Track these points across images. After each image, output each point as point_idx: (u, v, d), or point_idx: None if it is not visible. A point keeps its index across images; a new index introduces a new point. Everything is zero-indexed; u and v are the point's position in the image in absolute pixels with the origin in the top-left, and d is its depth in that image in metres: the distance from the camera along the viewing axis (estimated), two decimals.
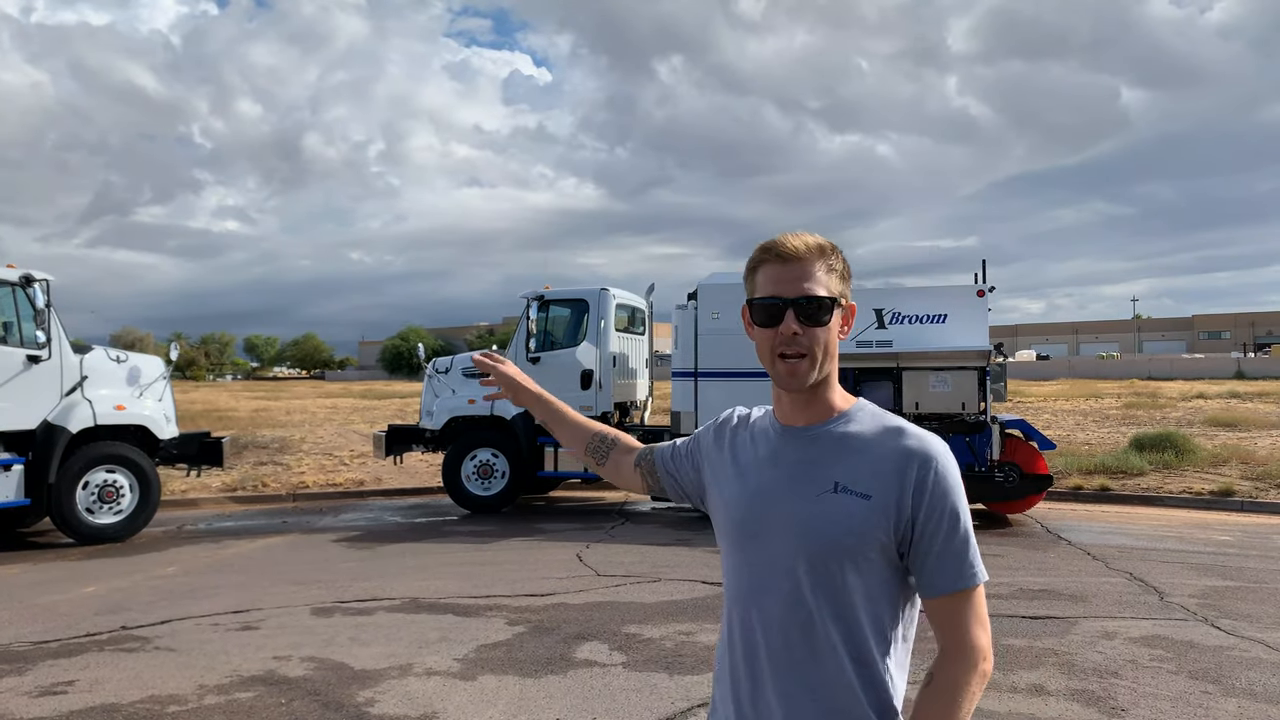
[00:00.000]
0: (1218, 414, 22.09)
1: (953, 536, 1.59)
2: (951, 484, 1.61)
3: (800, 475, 1.66)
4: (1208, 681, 5.45)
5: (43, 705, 5.26)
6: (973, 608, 1.60)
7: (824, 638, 1.60)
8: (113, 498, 10.77)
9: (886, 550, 1.60)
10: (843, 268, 1.71)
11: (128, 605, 7.62)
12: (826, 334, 1.66)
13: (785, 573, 1.63)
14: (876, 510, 1.59)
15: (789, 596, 1.63)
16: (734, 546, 1.73)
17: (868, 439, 1.65)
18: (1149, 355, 73.89)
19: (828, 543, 1.59)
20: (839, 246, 1.71)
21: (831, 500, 1.61)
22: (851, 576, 1.59)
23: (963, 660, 1.59)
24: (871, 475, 1.61)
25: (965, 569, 1.60)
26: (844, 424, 1.69)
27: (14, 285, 10.21)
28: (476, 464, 12.96)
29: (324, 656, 6.12)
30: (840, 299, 1.69)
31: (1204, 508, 12.64)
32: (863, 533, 1.58)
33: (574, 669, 5.82)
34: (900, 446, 1.62)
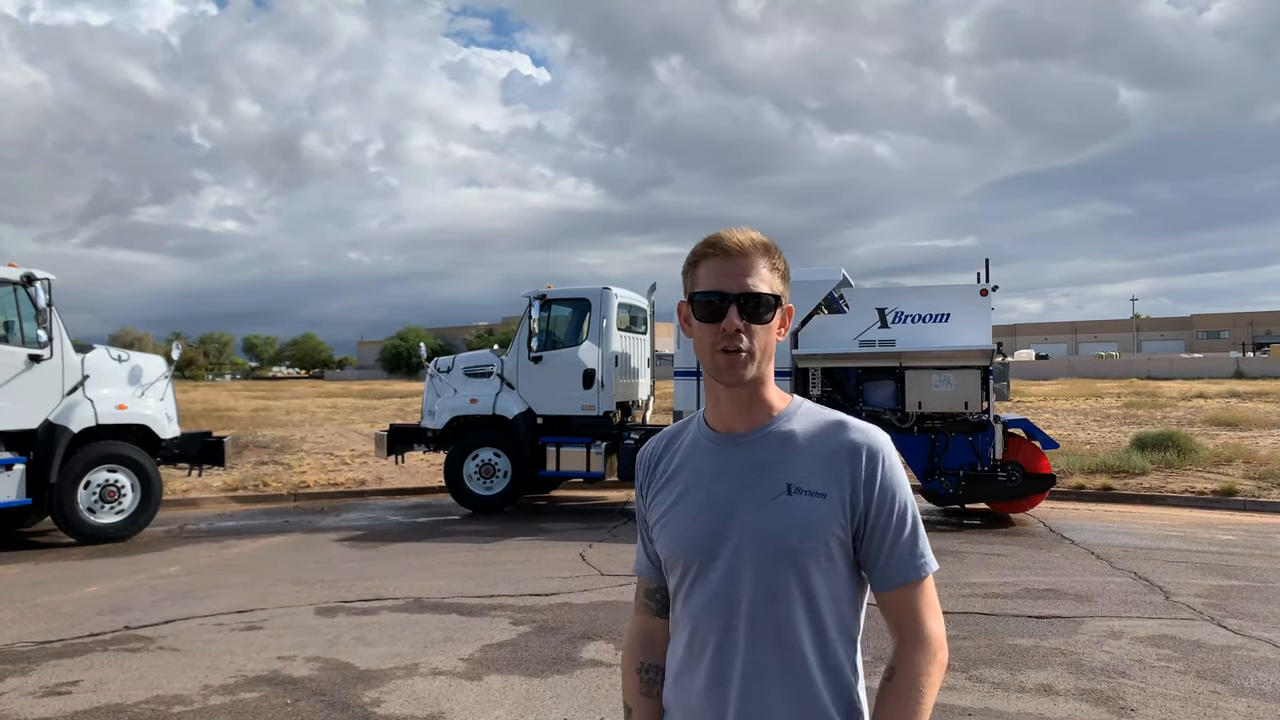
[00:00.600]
0: (1218, 413, 22.10)
1: (902, 528, 1.59)
2: (898, 475, 1.61)
3: (751, 481, 1.61)
4: (1216, 681, 5.43)
5: (47, 706, 5.24)
6: (926, 598, 1.60)
7: (792, 646, 1.57)
8: (114, 497, 10.74)
9: (845, 547, 1.59)
10: (784, 267, 1.68)
11: (131, 605, 7.59)
12: (767, 332, 1.63)
13: (749, 584, 1.58)
14: (833, 507, 1.57)
15: (753, 609, 1.58)
16: (690, 567, 1.64)
17: (812, 435, 1.62)
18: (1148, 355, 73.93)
19: (786, 545, 1.56)
20: (779, 246, 1.69)
21: (787, 503, 1.57)
22: (817, 578, 1.57)
23: (923, 651, 1.58)
24: (823, 472, 1.58)
25: (917, 560, 1.60)
26: (785, 422, 1.65)
27: (15, 284, 10.18)
28: (478, 463, 12.94)
29: (329, 656, 6.10)
30: (781, 298, 1.65)
31: (1207, 507, 12.63)
32: (823, 532, 1.56)
33: (580, 669, 5.80)
34: (846, 440, 1.60)
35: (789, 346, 11.71)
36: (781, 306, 1.66)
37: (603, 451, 12.59)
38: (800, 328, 11.80)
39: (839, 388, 12.12)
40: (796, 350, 11.72)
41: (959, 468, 11.28)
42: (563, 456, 12.79)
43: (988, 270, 11.74)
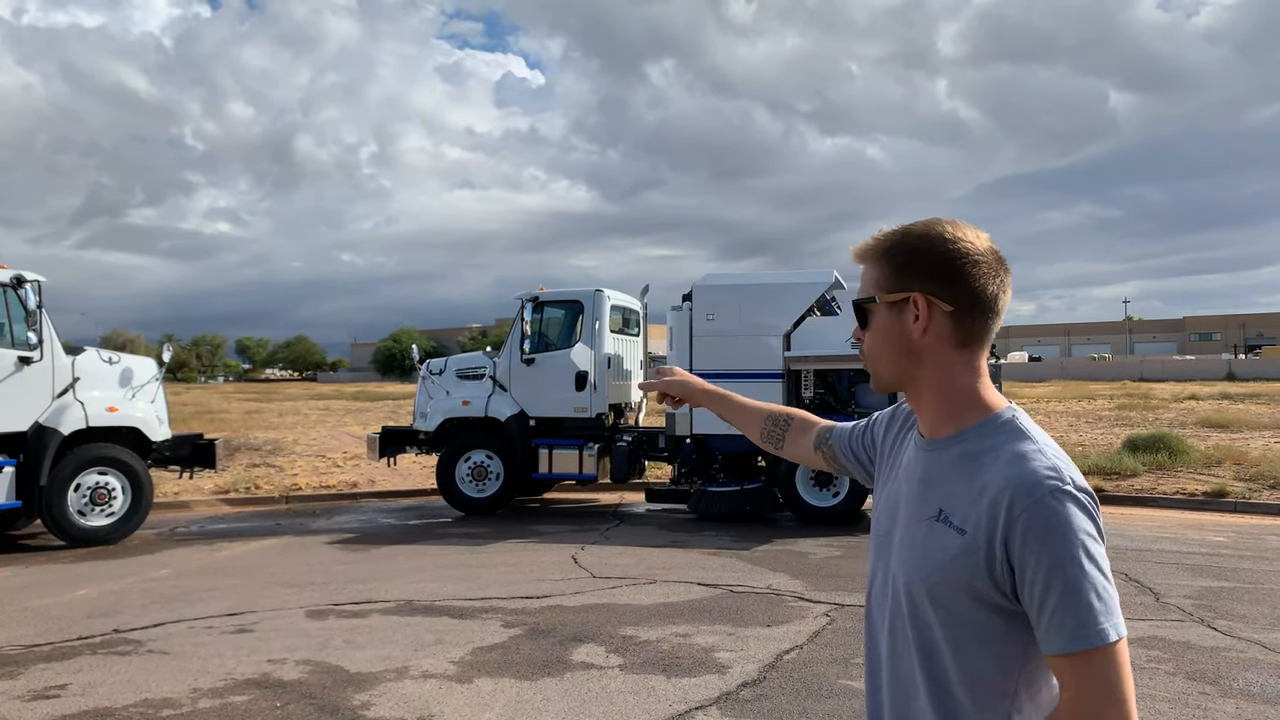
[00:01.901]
0: (1210, 415, 22.19)
1: (1056, 586, 1.27)
2: (1052, 526, 1.28)
3: (913, 496, 1.48)
4: (1205, 682, 5.45)
5: (35, 709, 5.21)
6: (1095, 674, 1.26)
7: (908, 676, 1.43)
8: (105, 500, 10.70)
9: (987, 592, 1.33)
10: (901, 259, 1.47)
11: (120, 608, 7.56)
12: (873, 335, 1.51)
13: (892, 596, 1.47)
14: (967, 550, 1.34)
15: (891, 624, 1.47)
16: (871, 552, 1.59)
17: (983, 463, 1.38)
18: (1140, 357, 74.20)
19: (926, 578, 1.39)
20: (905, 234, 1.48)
21: (931, 530, 1.40)
22: (938, 614, 1.38)
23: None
24: (970, 507, 1.36)
25: (1081, 627, 1.25)
26: (968, 439, 1.44)
27: (5, 286, 10.13)
28: (471, 466, 12.92)
29: (319, 659, 6.09)
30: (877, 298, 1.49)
31: (1198, 508, 12.67)
32: (956, 575, 1.35)
33: (570, 671, 5.80)
34: (1004, 473, 1.34)
35: (781, 349, 11.72)
36: (887, 304, 1.46)
37: (595, 454, 12.57)
38: (793, 330, 11.81)
39: (831, 390, 12.14)
40: (789, 352, 11.73)
41: None
42: (555, 459, 12.77)
43: None
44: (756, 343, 11.81)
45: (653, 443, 12.98)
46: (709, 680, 5.59)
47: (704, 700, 5.26)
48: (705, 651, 6.16)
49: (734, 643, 6.37)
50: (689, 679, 5.62)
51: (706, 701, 5.24)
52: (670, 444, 12.49)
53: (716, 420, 10.44)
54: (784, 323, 11.80)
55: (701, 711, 5.10)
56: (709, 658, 6.04)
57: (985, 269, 1.43)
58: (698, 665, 5.88)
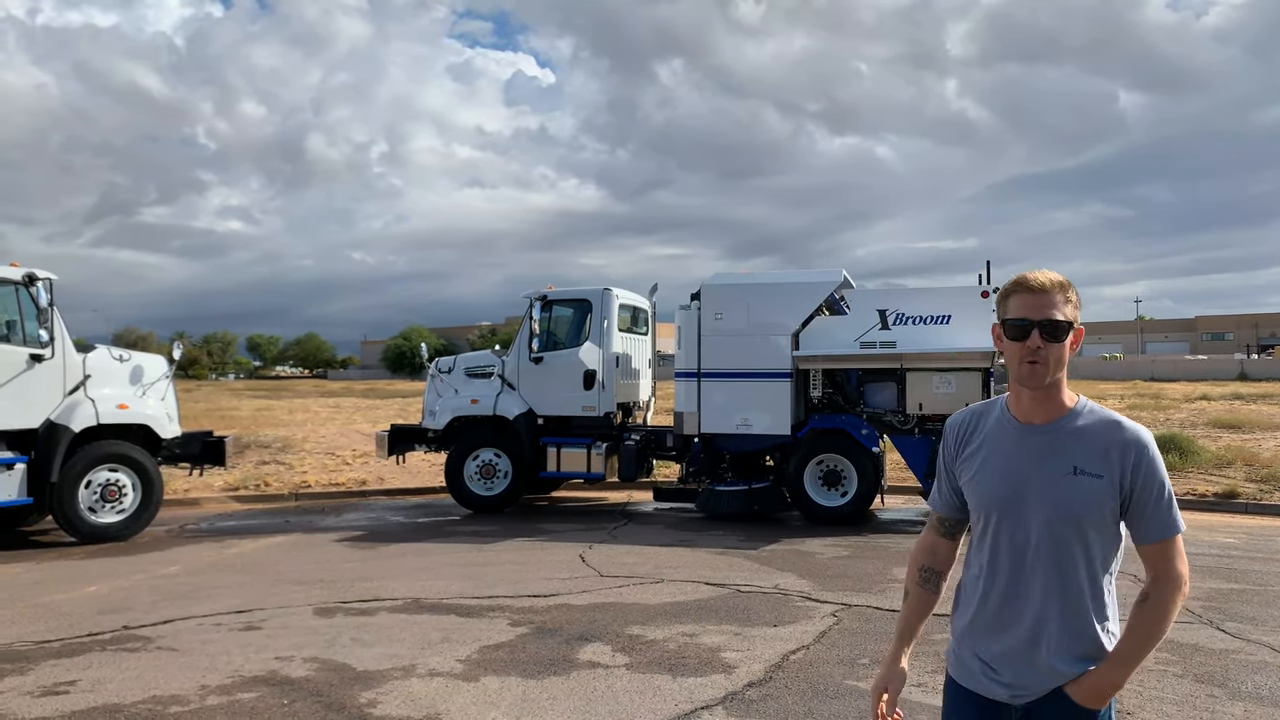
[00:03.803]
0: (1221, 415, 22.06)
1: (1160, 501, 2.15)
2: (1156, 462, 2.15)
3: (1045, 461, 2.20)
4: (1214, 685, 5.42)
5: (45, 705, 5.25)
6: (1174, 549, 2.17)
7: (1070, 578, 2.19)
8: (115, 497, 10.76)
9: (1114, 514, 2.17)
10: (1077, 299, 2.22)
11: (130, 605, 7.61)
12: (1061, 349, 2.18)
13: (1040, 534, 2.19)
14: (1109, 486, 2.14)
15: (1043, 551, 2.19)
16: (992, 516, 2.27)
17: (1095, 431, 2.19)
18: (1152, 356, 73.78)
19: (1072, 512, 2.16)
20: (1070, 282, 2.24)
21: (1074, 481, 2.16)
22: (1092, 535, 2.17)
23: (1169, 585, 2.16)
24: (1102, 459, 2.15)
25: (1170, 523, 2.16)
26: (1074, 420, 2.22)
27: (17, 284, 10.19)
28: (479, 464, 12.94)
29: (326, 657, 6.11)
30: (1072, 324, 2.19)
31: (1208, 510, 12.61)
32: (1099, 503, 2.15)
33: (577, 670, 5.80)
34: (1119, 438, 2.16)
35: (790, 349, 11.71)
36: (1073, 326, 2.20)
37: (603, 452, 12.59)
38: (801, 329, 11.78)
39: (840, 389, 12.11)
40: (797, 352, 11.70)
41: None
42: (563, 457, 12.79)
43: (989, 272, 11.72)
44: (765, 342, 11.80)
45: (661, 442, 12.98)
46: (715, 680, 5.59)
47: (710, 700, 5.26)
48: (712, 651, 6.16)
49: (741, 643, 6.37)
50: (695, 679, 5.62)
51: (713, 701, 5.24)
52: (678, 443, 12.49)
53: (725, 419, 10.41)
54: (792, 322, 11.78)
55: (707, 711, 5.10)
56: (715, 657, 6.04)
57: None
58: (704, 665, 5.88)
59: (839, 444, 11.56)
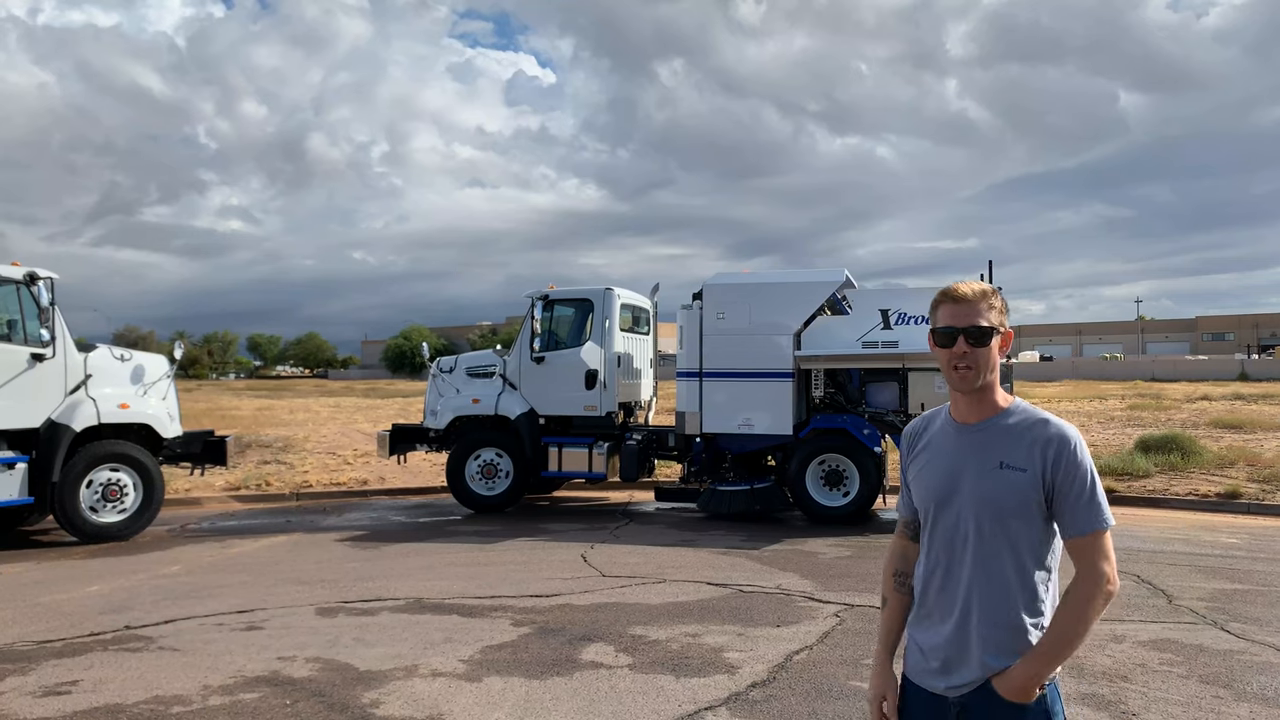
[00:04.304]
0: (1222, 416, 22.02)
1: (1080, 496, 2.20)
2: (1080, 459, 2.21)
3: (976, 457, 2.30)
4: (1219, 686, 5.41)
5: (46, 705, 5.24)
6: (1098, 546, 2.20)
7: (996, 564, 2.26)
8: (116, 496, 10.75)
9: (1040, 506, 2.23)
10: (1001, 305, 2.35)
11: (132, 605, 7.60)
12: (988, 354, 2.29)
13: (970, 525, 2.28)
14: (1031, 479, 2.22)
15: (974, 542, 2.28)
16: (929, 509, 2.38)
17: (1023, 429, 2.28)
18: (1152, 356, 73.73)
19: (996, 504, 2.25)
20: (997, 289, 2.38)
21: (999, 474, 2.25)
22: (1015, 524, 2.24)
23: (1087, 581, 2.18)
24: (1026, 454, 2.24)
25: (1092, 519, 2.20)
26: (1004, 419, 2.32)
27: (18, 283, 10.18)
28: (481, 464, 12.93)
29: (329, 657, 6.10)
30: (997, 330, 2.31)
31: (1211, 510, 12.59)
32: (1022, 495, 2.23)
33: (580, 670, 5.79)
34: (1045, 434, 2.25)
35: (792, 348, 11.69)
36: (998, 331, 2.32)
37: (605, 452, 12.58)
38: (803, 329, 11.77)
39: (841, 389, 12.10)
40: (799, 352, 11.69)
41: None
42: (565, 457, 12.78)
43: (991, 272, 11.71)
44: (767, 342, 11.79)
45: (662, 441, 12.97)
46: (718, 680, 5.58)
47: (713, 700, 5.24)
48: (714, 651, 6.15)
49: (743, 643, 6.35)
50: (698, 679, 5.61)
51: (716, 702, 5.23)
52: (680, 443, 12.47)
53: (726, 419, 10.40)
54: (794, 322, 11.77)
55: (711, 712, 5.09)
56: (718, 658, 6.02)
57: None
58: (707, 665, 5.86)
59: (841, 444, 11.55)
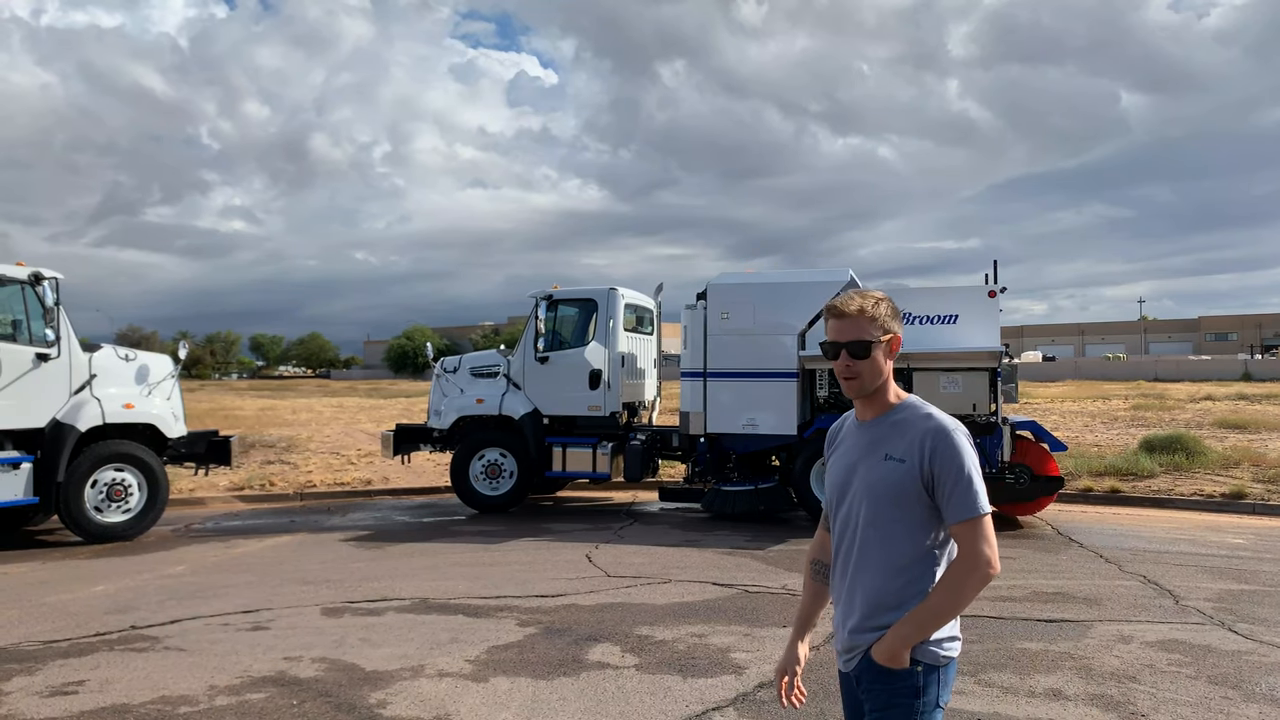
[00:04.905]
0: (1226, 416, 21.98)
1: (957, 485, 2.34)
2: (957, 450, 2.36)
3: (867, 452, 2.50)
4: (1228, 686, 5.39)
5: (53, 705, 5.23)
6: (975, 530, 2.33)
7: (879, 548, 2.44)
8: (121, 496, 10.76)
9: (920, 494, 2.39)
10: (884, 315, 2.47)
11: (137, 604, 7.59)
12: (869, 364, 2.46)
13: (860, 513, 2.47)
14: (909, 469, 2.39)
15: (861, 529, 2.47)
16: (832, 500, 2.60)
17: (908, 424, 2.45)
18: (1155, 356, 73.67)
19: (878, 492, 2.43)
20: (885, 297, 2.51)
21: (883, 465, 2.43)
22: (897, 511, 2.41)
23: (965, 562, 2.33)
24: (907, 447, 2.41)
25: (968, 506, 2.33)
26: (896, 415, 2.49)
27: (23, 283, 10.18)
28: (484, 464, 12.93)
29: (335, 657, 6.09)
30: (875, 340, 2.45)
31: (1216, 510, 12.56)
32: (901, 484, 2.40)
33: (587, 671, 5.78)
34: (925, 427, 2.42)
35: (796, 348, 11.68)
36: (877, 342, 2.46)
37: (609, 452, 12.57)
38: (807, 329, 11.76)
39: None
40: (804, 352, 11.67)
41: None
42: (569, 457, 12.77)
43: (996, 272, 11.69)
44: (771, 342, 11.77)
45: (666, 441, 12.96)
46: (725, 681, 5.57)
47: (721, 701, 5.24)
48: (721, 652, 6.14)
49: (750, 643, 6.34)
50: (705, 679, 5.60)
51: (723, 702, 5.22)
52: (684, 443, 12.46)
53: (731, 419, 10.39)
54: (799, 322, 11.75)
55: (718, 712, 5.08)
56: (725, 658, 6.01)
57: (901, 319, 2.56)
58: (714, 665, 5.86)
59: None
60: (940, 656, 2.40)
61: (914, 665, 2.38)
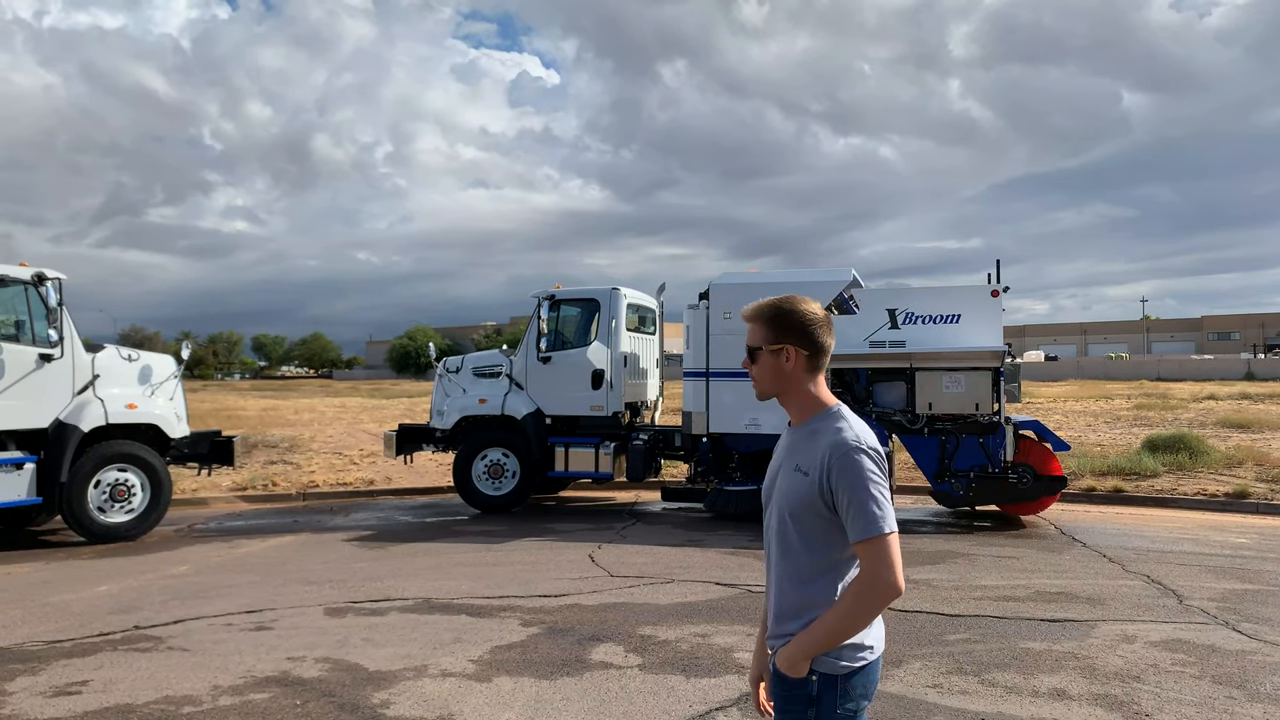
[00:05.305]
0: (1229, 415, 21.96)
1: (852, 505, 2.27)
2: (855, 468, 2.28)
3: (786, 459, 2.48)
4: (1232, 686, 5.38)
5: (57, 706, 5.24)
6: (873, 551, 2.25)
7: (789, 556, 2.42)
8: (124, 496, 10.77)
9: (822, 507, 2.34)
10: (782, 322, 2.43)
11: (140, 604, 7.60)
12: (760, 370, 2.48)
13: (775, 522, 2.47)
14: (812, 483, 2.34)
15: (776, 535, 2.47)
16: (765, 503, 2.59)
17: (819, 436, 2.38)
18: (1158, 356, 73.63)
19: (787, 502, 2.41)
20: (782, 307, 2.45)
21: (794, 476, 2.41)
22: (805, 521, 2.38)
23: (862, 582, 2.28)
24: (813, 460, 2.35)
25: (865, 527, 2.25)
26: (812, 424, 2.45)
27: (26, 284, 10.20)
28: (487, 464, 12.93)
29: (338, 657, 6.09)
30: (762, 349, 2.45)
31: (1219, 510, 12.54)
32: (805, 497, 2.36)
33: (590, 671, 5.78)
34: (829, 441, 2.34)
35: None
36: (762, 349, 2.46)
37: (611, 452, 12.57)
38: None
39: (848, 389, 12.06)
40: None
41: (969, 470, 11.22)
42: (571, 457, 12.77)
43: (999, 271, 11.68)
44: None
45: (669, 441, 12.95)
46: (729, 681, 5.57)
47: (724, 701, 5.23)
48: (724, 652, 6.14)
49: (753, 643, 6.34)
50: (709, 679, 5.60)
51: (727, 702, 5.21)
52: (687, 443, 12.46)
53: (733, 419, 10.40)
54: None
55: (722, 712, 5.07)
56: (728, 658, 6.01)
57: (823, 328, 2.46)
58: (717, 665, 5.85)
59: None
60: (840, 667, 2.35)
61: (810, 675, 2.37)
